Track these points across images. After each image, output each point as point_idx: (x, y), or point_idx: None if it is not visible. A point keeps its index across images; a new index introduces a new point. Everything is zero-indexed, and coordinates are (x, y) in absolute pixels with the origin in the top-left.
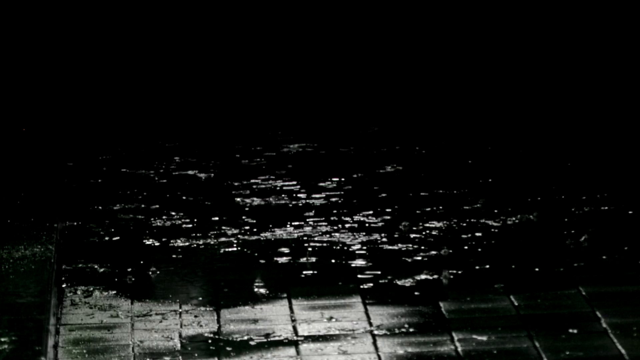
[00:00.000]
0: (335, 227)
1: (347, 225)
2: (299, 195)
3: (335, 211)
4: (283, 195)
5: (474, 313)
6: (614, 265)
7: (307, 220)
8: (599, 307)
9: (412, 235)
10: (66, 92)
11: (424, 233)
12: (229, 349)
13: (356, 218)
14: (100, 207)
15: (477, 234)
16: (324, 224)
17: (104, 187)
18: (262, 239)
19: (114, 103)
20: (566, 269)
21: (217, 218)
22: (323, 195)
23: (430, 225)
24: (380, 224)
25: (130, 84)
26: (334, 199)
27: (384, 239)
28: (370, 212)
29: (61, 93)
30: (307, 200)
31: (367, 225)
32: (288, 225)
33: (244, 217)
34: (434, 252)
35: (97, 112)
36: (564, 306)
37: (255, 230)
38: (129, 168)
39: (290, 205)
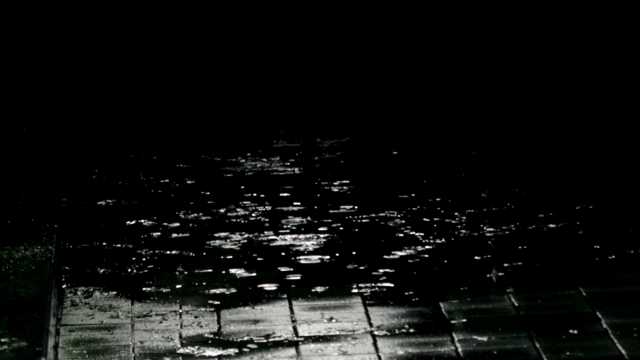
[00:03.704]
0: (335, 227)
1: (346, 225)
2: (299, 196)
3: (335, 212)
4: (283, 196)
5: (474, 313)
6: (615, 266)
7: (307, 220)
8: (600, 308)
9: (411, 236)
10: (66, 92)
11: (423, 233)
12: (229, 349)
13: (356, 218)
14: (100, 208)
15: (477, 235)
16: (324, 224)
17: (104, 188)
18: (262, 239)
19: (113, 103)
20: (566, 270)
21: (217, 219)
22: (323, 196)
23: (430, 226)
24: (380, 224)
25: (128, 85)
26: (334, 200)
27: (384, 239)
28: (370, 212)
29: (61, 94)
30: (308, 201)
31: (366, 225)
32: (288, 226)
33: (244, 218)
34: (433, 253)
35: (96, 113)
36: (564, 307)
37: (255, 230)
38: (129, 169)
39: (291, 206)
